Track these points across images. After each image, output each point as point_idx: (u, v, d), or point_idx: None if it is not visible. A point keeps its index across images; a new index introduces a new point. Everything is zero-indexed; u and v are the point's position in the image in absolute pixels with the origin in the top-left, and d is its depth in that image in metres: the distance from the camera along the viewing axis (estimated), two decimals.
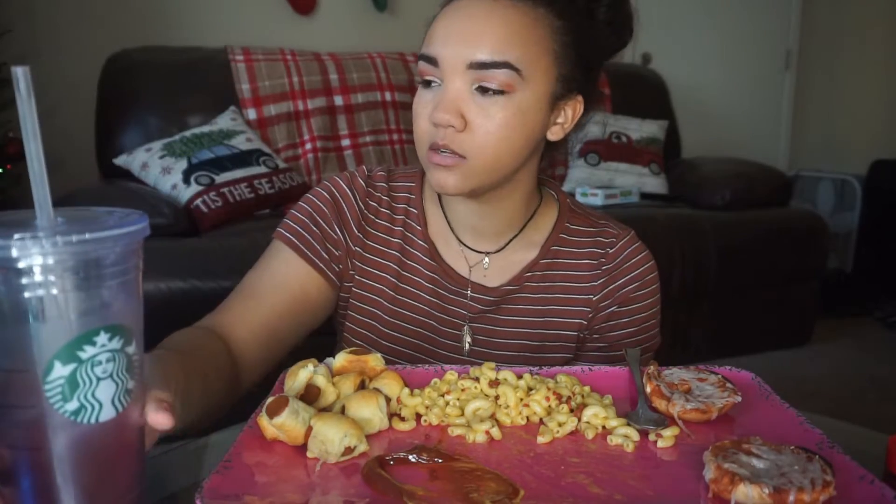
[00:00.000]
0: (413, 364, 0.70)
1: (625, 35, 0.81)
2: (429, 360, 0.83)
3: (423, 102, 0.75)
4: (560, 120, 0.78)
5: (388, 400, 0.58)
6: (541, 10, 0.73)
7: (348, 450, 0.51)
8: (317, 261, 0.82)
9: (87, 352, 0.42)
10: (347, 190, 0.85)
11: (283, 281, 0.81)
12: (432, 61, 0.73)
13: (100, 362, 0.42)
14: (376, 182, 0.87)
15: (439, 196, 0.85)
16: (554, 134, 0.78)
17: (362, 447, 0.52)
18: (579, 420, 0.57)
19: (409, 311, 0.85)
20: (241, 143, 2.30)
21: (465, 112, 0.72)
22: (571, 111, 0.78)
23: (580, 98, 0.78)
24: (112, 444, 0.44)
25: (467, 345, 0.84)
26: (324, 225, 0.83)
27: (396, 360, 0.80)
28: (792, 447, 0.50)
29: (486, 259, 0.84)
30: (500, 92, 0.71)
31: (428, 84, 0.74)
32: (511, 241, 0.84)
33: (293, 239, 0.82)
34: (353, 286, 0.85)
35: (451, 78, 0.72)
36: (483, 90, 0.71)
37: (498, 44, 0.71)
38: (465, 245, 0.84)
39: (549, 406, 0.58)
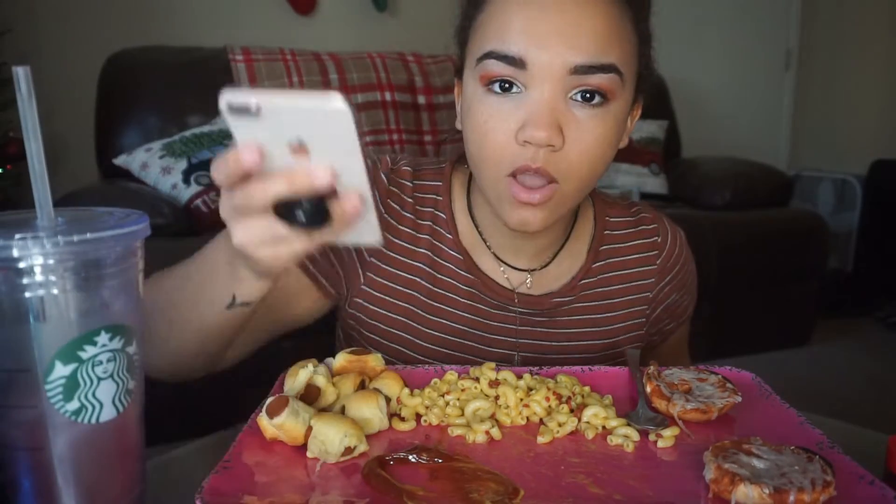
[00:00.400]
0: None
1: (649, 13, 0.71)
2: None
3: (502, 114, 0.62)
4: (628, 125, 0.69)
5: (388, 400, 0.58)
6: (624, 1, 0.63)
7: (348, 450, 0.51)
8: (319, 276, 0.73)
9: (88, 352, 0.42)
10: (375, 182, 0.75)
11: (277, 295, 0.71)
12: (517, 63, 0.60)
13: (100, 362, 0.42)
14: (401, 179, 0.75)
15: (469, 201, 0.76)
16: (623, 141, 0.69)
17: (362, 447, 0.52)
18: (579, 420, 0.57)
19: (445, 334, 0.75)
20: None
21: (562, 125, 0.61)
22: (633, 115, 0.70)
23: (640, 100, 0.71)
24: (113, 444, 0.44)
25: None
26: None
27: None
28: (792, 447, 0.50)
29: (530, 278, 0.76)
30: (602, 101, 0.61)
31: (504, 88, 0.62)
32: (557, 254, 0.77)
33: None
34: (366, 302, 0.75)
35: (542, 84, 0.60)
36: (583, 99, 0.61)
37: (602, 42, 0.60)
38: (504, 263, 0.76)
39: (549, 406, 0.58)
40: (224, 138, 2.29)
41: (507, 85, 0.62)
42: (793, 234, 2.71)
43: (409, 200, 0.75)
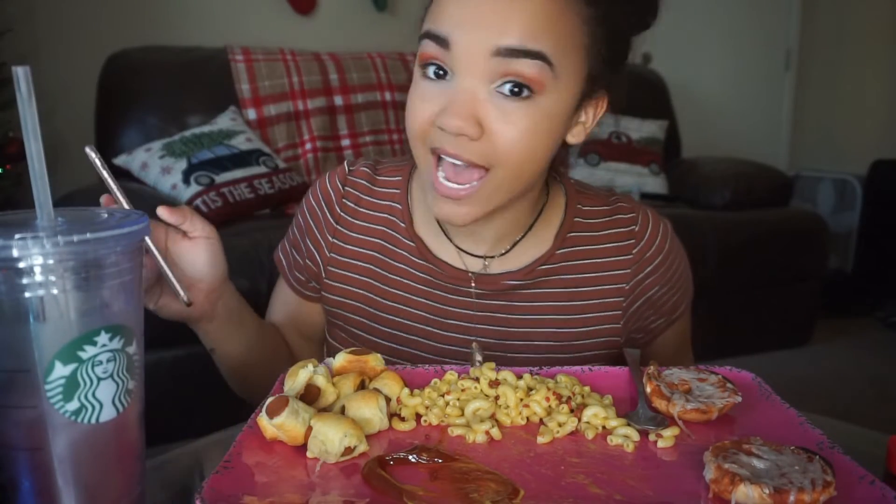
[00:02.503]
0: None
1: (648, 17, 0.69)
2: None
3: (427, 97, 0.63)
4: (582, 119, 0.69)
5: (388, 400, 0.58)
6: None
7: (348, 450, 0.51)
8: (304, 291, 0.84)
9: (88, 352, 0.42)
10: (331, 194, 0.81)
11: (284, 313, 0.87)
12: (443, 42, 0.61)
13: (100, 362, 0.42)
14: (356, 178, 0.81)
15: None
16: (575, 136, 0.69)
17: (362, 447, 0.52)
18: (579, 420, 0.57)
19: (402, 318, 0.78)
20: (241, 143, 2.30)
21: (481, 116, 0.61)
22: (594, 110, 0.70)
23: (605, 96, 0.70)
24: (112, 444, 0.44)
25: (478, 363, 0.74)
26: (301, 245, 0.83)
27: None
28: (792, 447, 0.50)
29: (486, 262, 0.76)
30: (528, 94, 0.61)
31: (434, 73, 0.63)
32: (517, 243, 0.77)
33: (284, 265, 0.86)
34: (330, 294, 0.81)
35: (467, 69, 0.61)
36: (510, 93, 0.61)
37: (529, 29, 0.60)
38: (462, 250, 0.77)
39: (549, 406, 0.58)
40: (224, 138, 2.29)
41: (441, 72, 0.63)
42: (793, 234, 2.71)
43: (365, 197, 0.80)
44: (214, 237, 0.67)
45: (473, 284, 0.76)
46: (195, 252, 0.66)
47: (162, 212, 0.64)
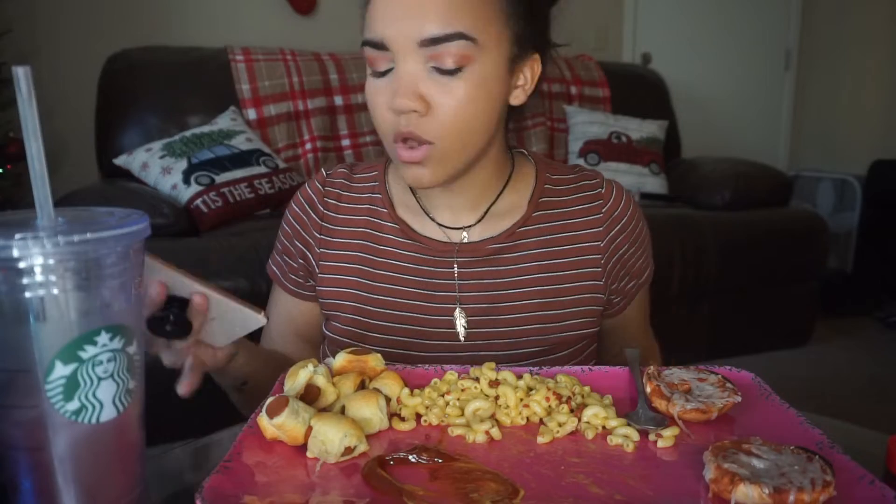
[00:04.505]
0: (411, 364, 0.69)
1: None
2: (423, 355, 0.80)
3: (379, 91, 0.71)
4: (521, 83, 0.75)
5: (388, 400, 0.58)
6: None
7: (348, 450, 0.51)
8: (302, 291, 0.87)
9: (88, 352, 0.42)
10: (313, 196, 0.86)
11: (285, 320, 0.89)
12: (379, 46, 0.69)
13: (101, 362, 0.42)
14: (334, 179, 0.87)
15: None
16: (516, 98, 0.76)
17: (362, 447, 0.52)
18: (579, 420, 0.57)
19: (391, 297, 0.81)
20: (241, 143, 2.30)
21: (424, 93, 0.68)
22: (530, 72, 0.75)
23: (537, 56, 0.75)
24: (113, 444, 0.44)
25: (462, 329, 0.80)
26: (292, 249, 0.86)
27: (389, 351, 0.79)
28: (792, 447, 0.50)
29: (465, 234, 0.82)
30: (457, 69, 0.68)
31: (382, 73, 0.71)
32: (489, 208, 0.82)
33: (278, 275, 0.89)
34: (323, 286, 0.84)
35: (403, 59, 0.68)
36: (439, 71, 0.68)
37: (446, 13, 0.66)
38: (441, 225, 0.82)
39: (549, 406, 0.58)
40: (224, 138, 2.29)
41: (383, 70, 0.71)
42: (793, 234, 2.71)
43: (345, 193, 0.86)
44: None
45: (458, 254, 0.81)
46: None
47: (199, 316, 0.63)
